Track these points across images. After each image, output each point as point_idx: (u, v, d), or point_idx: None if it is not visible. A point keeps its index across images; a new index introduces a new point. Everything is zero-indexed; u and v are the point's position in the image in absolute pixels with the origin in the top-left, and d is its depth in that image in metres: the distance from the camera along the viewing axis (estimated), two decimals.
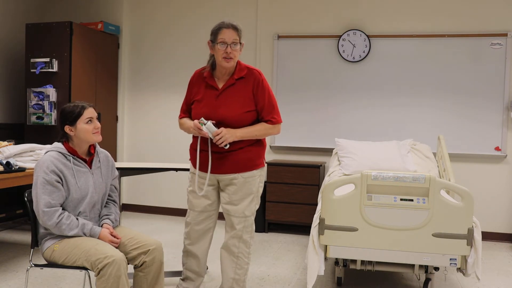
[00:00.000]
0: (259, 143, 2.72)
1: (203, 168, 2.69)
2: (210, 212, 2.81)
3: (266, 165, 2.77)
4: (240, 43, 2.61)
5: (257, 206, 2.76)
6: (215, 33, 2.60)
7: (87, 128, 2.40)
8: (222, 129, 2.55)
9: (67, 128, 2.40)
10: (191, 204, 2.82)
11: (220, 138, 2.52)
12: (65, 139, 2.45)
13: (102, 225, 2.44)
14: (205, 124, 2.54)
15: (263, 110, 2.65)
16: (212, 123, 2.56)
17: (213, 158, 2.65)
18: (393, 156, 3.94)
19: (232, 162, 2.64)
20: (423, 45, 4.75)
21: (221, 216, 3.09)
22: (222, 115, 2.61)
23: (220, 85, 2.67)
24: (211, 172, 2.68)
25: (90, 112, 2.42)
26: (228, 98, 2.63)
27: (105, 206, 2.55)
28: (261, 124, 2.67)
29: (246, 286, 2.79)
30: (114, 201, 2.60)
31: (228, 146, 2.59)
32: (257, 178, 2.71)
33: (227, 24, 2.58)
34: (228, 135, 2.54)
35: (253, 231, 2.77)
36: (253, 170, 2.68)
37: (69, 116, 2.39)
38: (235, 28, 2.58)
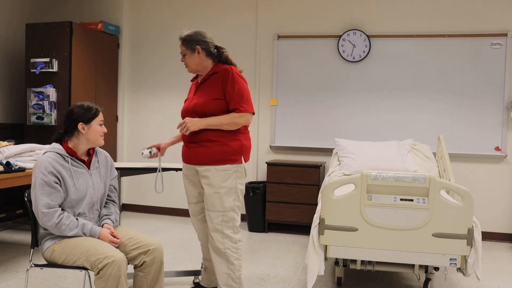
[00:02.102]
0: (236, 139, 2.74)
1: (184, 159, 2.87)
2: (203, 203, 2.91)
3: (244, 163, 2.77)
4: (194, 50, 2.74)
5: (237, 203, 2.76)
6: None
7: (99, 129, 2.45)
8: (186, 118, 2.68)
9: (80, 126, 2.40)
10: (187, 197, 2.98)
11: (183, 127, 2.65)
12: (66, 138, 2.44)
13: (102, 225, 2.44)
14: (142, 154, 2.91)
15: (231, 100, 2.69)
16: (149, 151, 2.92)
17: (191, 148, 2.78)
18: (393, 156, 3.94)
19: (207, 154, 2.71)
20: (423, 45, 4.75)
21: None
22: (194, 104, 2.75)
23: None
24: (190, 163, 2.81)
25: (102, 115, 2.49)
26: (202, 90, 2.78)
27: (104, 207, 2.55)
28: (229, 114, 2.71)
29: (242, 282, 2.79)
30: (113, 201, 2.60)
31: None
32: (232, 174, 2.72)
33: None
34: (190, 124, 2.65)
35: (236, 227, 2.77)
36: (227, 164, 2.70)
37: (86, 114, 2.41)
38: (180, 39, 2.78)
